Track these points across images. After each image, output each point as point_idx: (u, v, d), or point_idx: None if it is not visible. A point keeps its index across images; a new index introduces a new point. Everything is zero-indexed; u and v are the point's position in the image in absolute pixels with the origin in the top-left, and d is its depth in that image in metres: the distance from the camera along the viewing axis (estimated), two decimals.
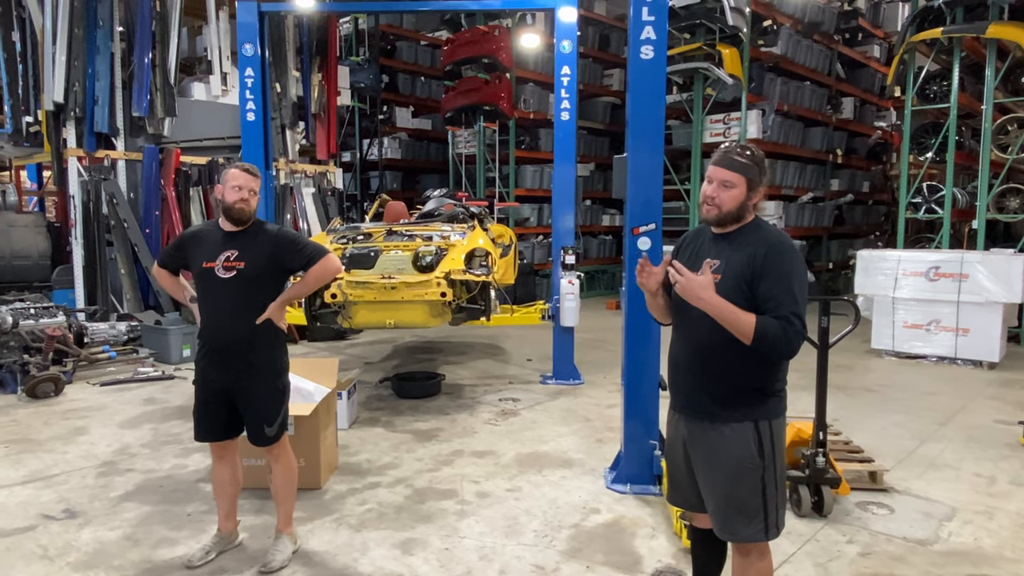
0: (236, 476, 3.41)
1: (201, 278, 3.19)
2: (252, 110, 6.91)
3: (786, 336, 2.15)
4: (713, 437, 2.31)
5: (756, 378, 2.29)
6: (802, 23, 11.89)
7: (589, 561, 3.34)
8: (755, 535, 2.32)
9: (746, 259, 2.24)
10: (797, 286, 2.20)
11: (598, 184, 13.98)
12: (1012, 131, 9.06)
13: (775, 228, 2.37)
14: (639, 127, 4.11)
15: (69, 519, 3.80)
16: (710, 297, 2.16)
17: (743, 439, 2.27)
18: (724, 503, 2.32)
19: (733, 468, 2.28)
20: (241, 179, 3.14)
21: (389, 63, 15.00)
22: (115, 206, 8.64)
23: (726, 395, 2.29)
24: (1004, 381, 6.97)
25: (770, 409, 2.31)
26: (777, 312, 2.16)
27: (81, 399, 6.21)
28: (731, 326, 2.17)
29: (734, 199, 2.28)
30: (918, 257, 7.90)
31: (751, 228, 2.33)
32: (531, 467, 4.56)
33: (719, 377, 2.29)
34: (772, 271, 2.20)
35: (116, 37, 8.85)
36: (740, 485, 2.29)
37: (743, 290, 2.22)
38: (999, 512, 3.90)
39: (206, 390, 3.24)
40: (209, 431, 3.29)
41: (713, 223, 2.36)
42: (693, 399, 2.37)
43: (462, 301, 5.64)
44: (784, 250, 2.24)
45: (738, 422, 2.28)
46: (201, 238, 3.25)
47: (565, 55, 6.75)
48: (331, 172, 11.34)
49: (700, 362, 2.34)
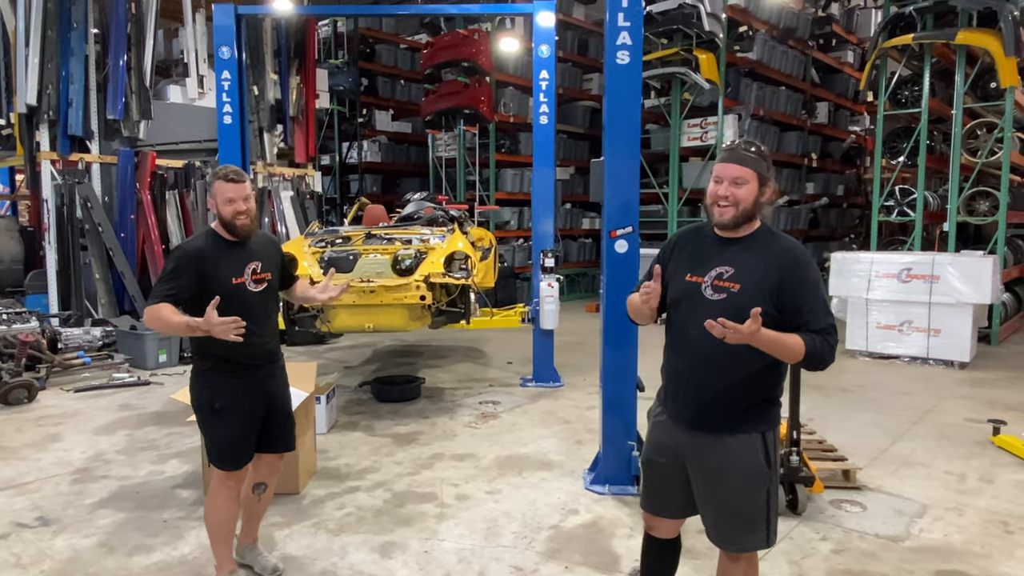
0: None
1: (230, 296, 2.80)
2: (229, 113, 6.86)
3: (832, 350, 2.15)
4: (721, 450, 2.26)
5: (767, 389, 2.28)
6: (777, 29, 12.06)
7: (568, 562, 3.36)
8: (758, 544, 2.31)
9: (768, 269, 2.18)
10: (824, 295, 2.22)
11: (578, 188, 14.05)
12: (981, 135, 9.26)
13: (788, 235, 2.33)
14: (616, 131, 4.15)
15: (43, 527, 3.75)
16: (760, 339, 2.05)
17: (753, 450, 2.25)
18: (730, 515, 2.29)
19: (743, 480, 2.25)
20: (231, 191, 2.84)
21: (368, 66, 14.96)
22: (89, 210, 8.53)
23: (739, 407, 2.25)
24: (975, 380, 7.11)
25: (773, 418, 2.30)
26: (816, 326, 2.14)
27: (55, 405, 6.12)
28: (779, 353, 2.14)
29: (749, 195, 2.20)
30: (891, 259, 8.03)
31: (765, 234, 2.26)
32: (511, 469, 4.58)
33: (733, 390, 2.24)
34: (803, 283, 2.17)
35: (90, 39, 8.75)
36: (749, 496, 2.26)
37: (767, 303, 2.13)
38: (969, 508, 3.98)
39: (246, 411, 2.95)
40: (249, 452, 3.03)
41: (730, 224, 2.23)
42: (702, 412, 2.28)
43: (442, 304, 5.65)
44: (808, 260, 2.22)
45: (747, 434, 2.25)
46: (207, 255, 2.86)
47: (543, 59, 6.79)
48: (310, 175, 11.29)
49: (714, 375, 2.25)
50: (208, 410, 2.93)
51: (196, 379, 2.99)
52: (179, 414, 5.49)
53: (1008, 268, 9.49)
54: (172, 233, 9.11)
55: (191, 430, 5.08)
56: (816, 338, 2.13)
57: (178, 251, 2.90)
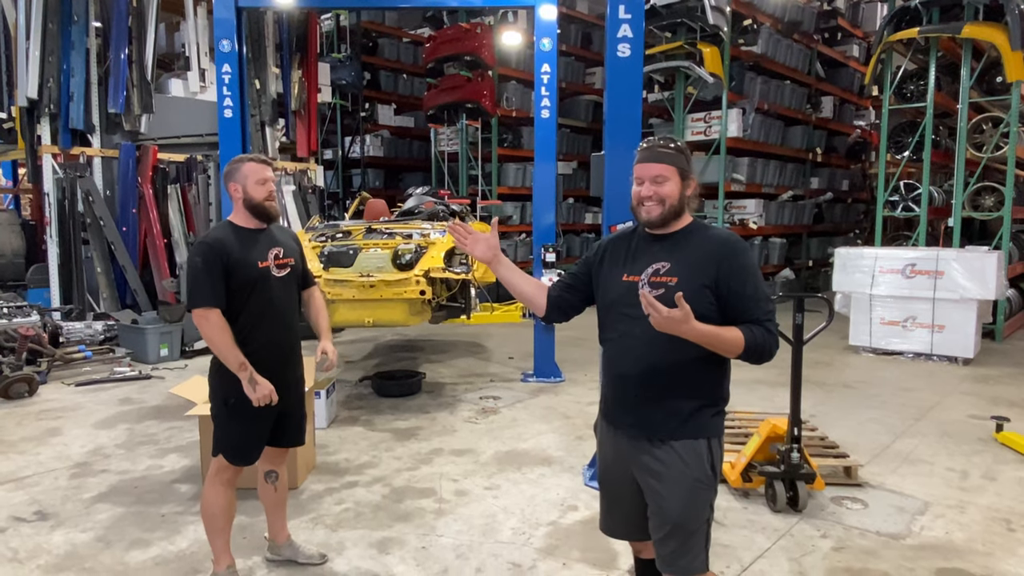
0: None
1: (255, 281, 2.83)
2: (230, 107, 6.84)
3: (774, 340, 2.10)
4: (665, 457, 2.15)
5: (711, 390, 2.19)
6: (782, 22, 11.98)
7: (566, 558, 3.34)
8: (700, 567, 2.17)
9: (704, 260, 2.12)
10: (762, 284, 2.15)
11: (581, 182, 14.00)
12: (987, 130, 9.19)
13: (722, 227, 2.28)
14: (616, 125, 4.12)
15: (40, 521, 3.75)
16: (691, 328, 1.97)
17: (698, 457, 2.14)
18: (674, 530, 2.15)
19: (688, 488, 2.14)
20: (265, 172, 2.90)
21: (371, 60, 14.93)
22: (91, 204, 8.53)
23: (685, 410, 2.15)
24: (978, 377, 7.07)
25: (718, 427, 2.21)
26: (753, 316, 2.08)
27: (56, 399, 6.12)
28: (716, 347, 2.06)
29: (673, 191, 2.16)
30: (895, 255, 7.98)
31: (698, 227, 2.22)
32: (510, 465, 4.56)
33: (679, 391, 2.16)
34: (739, 271, 2.11)
35: (91, 33, 8.73)
36: (693, 507, 2.14)
37: (706, 295, 2.09)
38: (971, 506, 3.95)
39: (263, 408, 2.85)
40: (262, 447, 3.00)
41: (658, 222, 2.18)
42: (646, 416, 2.19)
43: (442, 299, 5.64)
44: (744, 248, 2.16)
45: (693, 439, 2.15)
46: (230, 243, 2.82)
47: (545, 53, 6.75)
48: (312, 170, 11.27)
49: (660, 376, 2.16)
50: (223, 404, 2.89)
51: (216, 373, 2.90)
52: (179, 408, 5.48)
53: (1013, 264, 9.43)
54: (174, 227, 9.10)
55: (191, 424, 5.08)
56: (756, 329, 2.07)
57: (201, 245, 2.81)
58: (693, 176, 2.22)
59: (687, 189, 2.20)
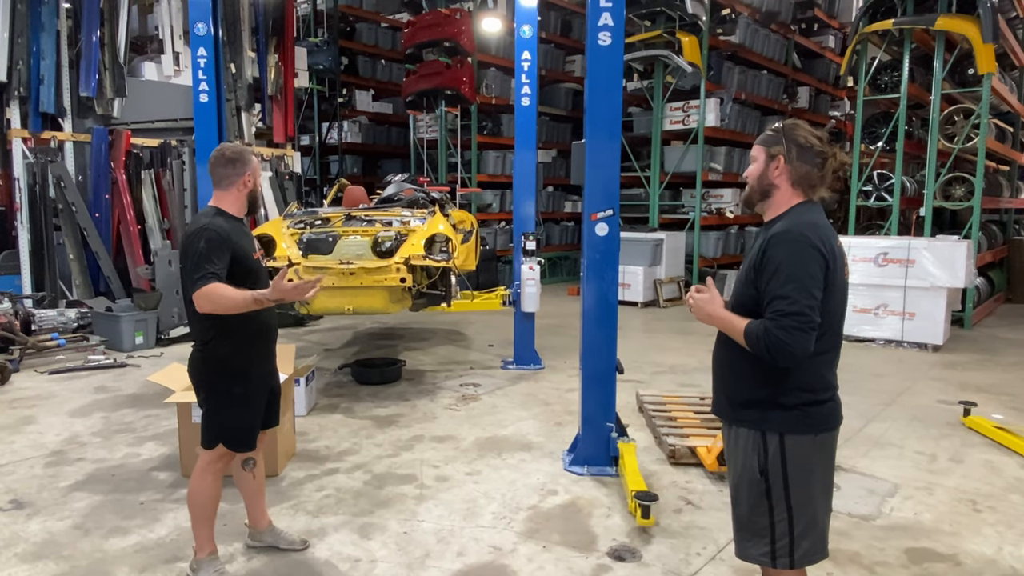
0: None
1: (253, 270, 2.95)
2: (205, 91, 6.73)
3: (774, 340, 1.96)
4: (730, 437, 2.25)
5: (762, 384, 2.12)
6: (760, 12, 12.06)
7: (546, 541, 3.39)
8: (761, 558, 2.16)
9: (756, 250, 2.10)
10: (785, 278, 1.99)
11: (560, 170, 14.03)
12: (959, 121, 9.35)
13: (803, 217, 2.09)
14: (597, 113, 4.13)
15: (16, 510, 3.71)
16: (713, 311, 2.10)
17: (748, 447, 2.15)
18: (734, 511, 2.24)
19: (739, 474, 2.19)
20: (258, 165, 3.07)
21: (349, 45, 14.77)
22: (63, 189, 8.37)
23: (738, 398, 2.19)
24: (947, 363, 7.25)
25: (785, 423, 2.10)
26: (768, 311, 2.01)
27: (29, 387, 6.03)
28: (731, 336, 2.11)
29: (754, 173, 2.17)
30: (868, 243, 8.12)
31: (783, 217, 2.13)
32: (490, 451, 4.60)
33: (730, 378, 2.23)
34: (767, 265, 2.03)
35: (62, 14, 8.54)
36: (742, 495, 2.18)
37: (750, 285, 2.09)
38: (938, 488, 4.07)
39: (260, 392, 3.00)
40: (259, 430, 3.07)
41: (743, 203, 2.24)
42: (715, 397, 2.32)
43: (422, 287, 5.63)
44: (781, 240, 2.03)
45: (747, 428, 2.16)
46: (231, 233, 2.84)
47: (525, 40, 6.73)
48: (289, 156, 11.14)
49: (717, 360, 2.28)
50: (225, 394, 2.88)
51: (211, 362, 2.89)
52: (156, 396, 5.43)
53: (982, 253, 9.65)
54: (148, 213, 8.97)
55: (168, 412, 5.04)
56: (765, 323, 1.99)
57: (206, 232, 2.76)
58: (790, 161, 2.11)
59: (772, 170, 2.13)
